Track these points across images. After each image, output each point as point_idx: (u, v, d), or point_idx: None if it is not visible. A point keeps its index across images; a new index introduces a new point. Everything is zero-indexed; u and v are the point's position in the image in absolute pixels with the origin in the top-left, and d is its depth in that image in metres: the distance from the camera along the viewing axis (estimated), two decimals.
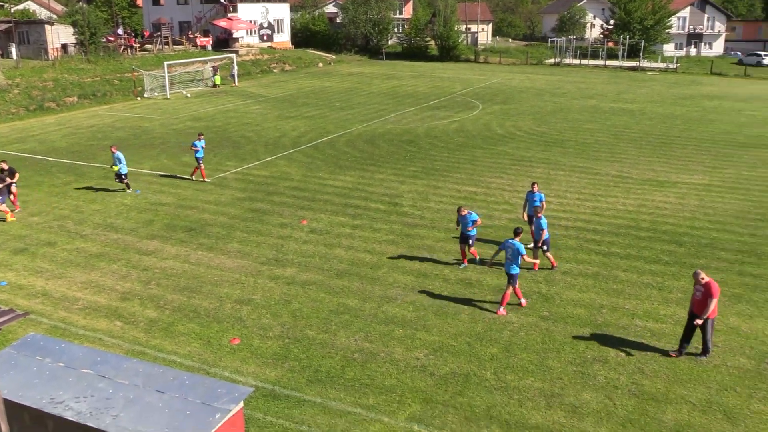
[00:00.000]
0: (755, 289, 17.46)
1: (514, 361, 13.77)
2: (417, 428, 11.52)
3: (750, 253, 20.00)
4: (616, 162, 31.27)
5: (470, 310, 16.12)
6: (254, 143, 34.68)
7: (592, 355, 14.05)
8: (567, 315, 15.91)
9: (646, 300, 16.76)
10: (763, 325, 15.49)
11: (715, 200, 25.32)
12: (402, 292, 17.12)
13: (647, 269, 18.78)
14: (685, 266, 18.96)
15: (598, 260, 19.46)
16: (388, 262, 19.15)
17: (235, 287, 17.33)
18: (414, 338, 14.73)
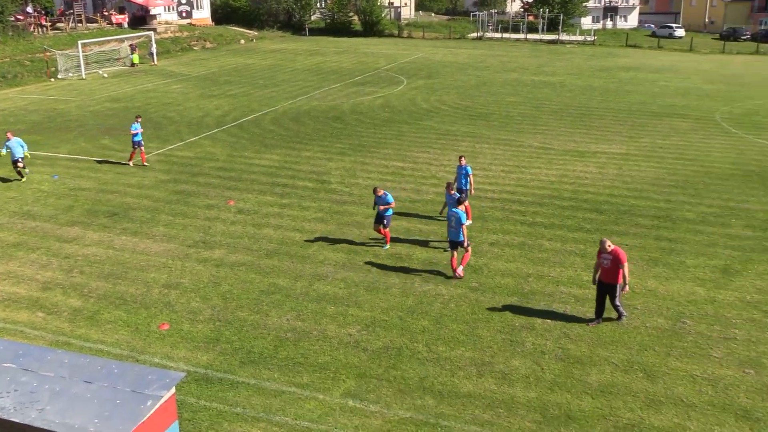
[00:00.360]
0: (671, 253, 18.25)
1: (445, 333, 14.01)
2: (352, 403, 11.61)
3: (665, 219, 20.87)
4: (539, 134, 31.98)
5: (401, 285, 16.28)
6: (177, 123, 33.81)
7: (519, 323, 14.43)
8: (495, 285, 16.27)
9: (570, 267, 17.29)
10: (679, 286, 16.23)
11: (633, 169, 26.25)
12: (333, 270, 17.12)
13: (570, 237, 19.36)
14: (606, 233, 19.62)
15: (524, 230, 19.93)
16: (318, 240, 19.10)
17: (162, 271, 16.97)
18: (346, 315, 14.79)
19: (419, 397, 11.77)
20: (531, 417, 11.24)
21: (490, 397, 11.75)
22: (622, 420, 11.20)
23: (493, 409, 11.46)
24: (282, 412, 11.39)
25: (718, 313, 14.91)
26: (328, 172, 25.61)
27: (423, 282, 16.44)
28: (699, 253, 18.23)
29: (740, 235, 19.58)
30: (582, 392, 11.92)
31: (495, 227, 19.93)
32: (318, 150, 28.78)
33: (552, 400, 11.68)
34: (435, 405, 11.56)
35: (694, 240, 19.21)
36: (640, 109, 38.30)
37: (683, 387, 12.14)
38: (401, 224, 20.30)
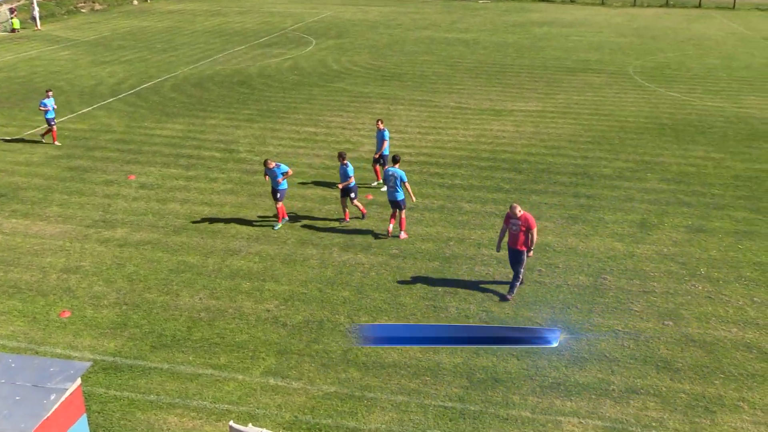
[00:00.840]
0: (589, 210, 18.90)
1: (367, 302, 14.09)
2: (273, 382, 11.56)
3: (583, 175, 21.55)
4: (454, 93, 32.29)
5: (319, 256, 16.24)
6: (67, 94, 32.29)
7: (442, 288, 14.66)
8: (416, 251, 16.44)
9: (491, 229, 17.66)
10: (598, 243, 16.85)
11: (549, 126, 26.91)
12: (246, 244, 16.91)
13: (490, 198, 19.74)
14: (525, 192, 20.11)
15: (443, 193, 20.18)
16: (228, 213, 18.79)
17: (60, 255, 16.31)
18: (263, 290, 14.65)
19: (343, 371, 11.83)
20: (458, 382, 11.49)
21: (415, 366, 11.93)
22: (548, 379, 11.60)
23: (419, 377, 11.65)
24: (199, 396, 11.23)
25: (637, 268, 15.58)
26: (236, 140, 25.12)
27: (342, 251, 16.45)
28: (617, 209, 18.95)
29: (656, 189, 20.46)
30: (507, 354, 12.26)
31: (413, 191, 20.09)
32: (224, 117, 28.15)
33: (478, 364, 11.97)
34: (360, 377, 11.65)
35: (611, 195, 19.94)
36: (554, 65, 39.20)
37: (606, 342, 12.66)
38: (316, 192, 20.19)
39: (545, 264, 15.74)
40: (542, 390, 11.34)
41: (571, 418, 10.74)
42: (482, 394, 11.22)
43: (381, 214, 18.68)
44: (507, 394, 11.24)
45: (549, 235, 17.23)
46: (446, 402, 11.06)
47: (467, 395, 11.20)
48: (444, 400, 11.08)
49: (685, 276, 15.22)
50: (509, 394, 11.22)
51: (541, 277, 15.15)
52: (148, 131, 26.36)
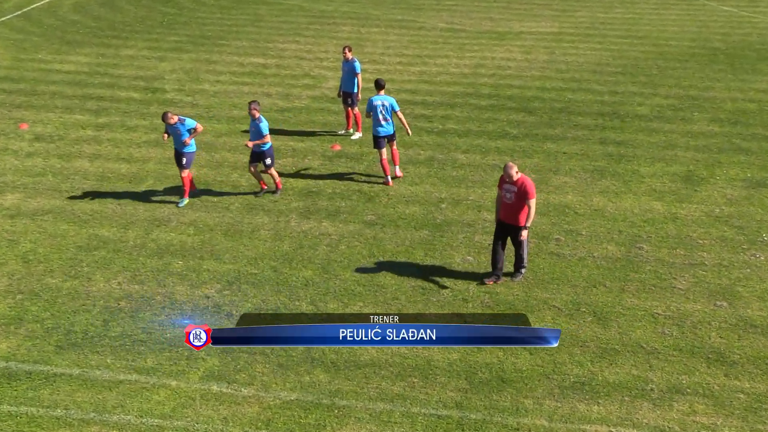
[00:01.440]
0: (620, 160, 19.01)
1: (336, 285, 14.13)
2: (217, 388, 11.60)
3: (612, 116, 21.64)
4: (444, 11, 32.11)
5: (272, 225, 16.23)
6: None
7: (433, 263, 14.73)
8: (398, 216, 16.48)
9: (494, 186, 17.71)
10: (632, 202, 16.99)
11: (568, 53, 26.91)
12: (177, 211, 16.87)
13: (492, 147, 19.77)
14: (537, 139, 20.16)
15: (432, 141, 20.17)
16: (153, 172, 18.69)
17: None
18: (200, 271, 14.66)
19: (307, 372, 11.89)
20: (454, 384, 11.60)
21: (400, 364, 12.01)
22: (569, 378, 11.74)
23: (405, 378, 11.74)
24: (121, 408, 11.25)
25: (682, 234, 15.74)
26: (160, 76, 24.86)
27: (301, 219, 16.45)
28: (655, 159, 19.08)
29: (705, 132, 20.60)
30: (517, 347, 12.37)
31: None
32: (144, 46, 27.81)
33: (480, 360, 12.08)
34: (328, 380, 11.72)
35: (648, 142, 20.06)
36: None
37: (642, 330, 12.82)
38: None
39: (565, 231, 15.85)
40: (562, 392, 11.48)
41: (599, 426, 10.90)
42: (486, 399, 11.34)
43: (352, 168, 18.66)
44: (517, 397, 11.37)
45: (569, 194, 17.34)
46: (440, 410, 11.16)
47: (467, 400, 11.31)
48: (437, 408, 11.19)
49: (742, 244, 15.41)
50: (520, 398, 11.35)
51: (560, 247, 15.27)
52: (44, 65, 26.01)
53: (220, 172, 18.70)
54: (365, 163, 19.00)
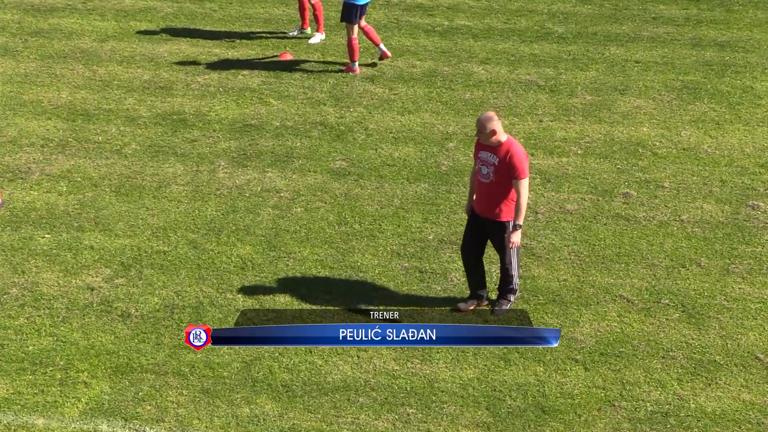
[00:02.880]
0: (724, 71, 19.05)
1: (289, 267, 14.21)
2: (108, 428, 11.58)
3: (712, 2, 21.59)
4: None
5: (188, 177, 16.32)
6: None
7: (435, 232, 14.82)
8: (382, 162, 16.62)
9: (529, 115, 17.75)
10: (742, 137, 17.02)
11: None
12: (41, 156, 16.98)
13: (526, 54, 19.80)
14: (595, 40, 20.13)
15: (433, 46, 20.22)
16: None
17: None
18: (79, 249, 14.71)
19: (245, 402, 11.93)
20: (470, 417, 11.65)
21: (386, 387, 12.06)
22: (644, 406, 11.82)
23: (395, 408, 11.77)
24: None
25: None
26: None
27: (234, 167, 16.55)
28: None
29: None
30: (566, 359, 12.47)
31: (374, 45, 20.02)
32: None
33: (508, 380, 12.14)
34: (279, 413, 11.74)
35: (765, 40, 20.07)
36: None
37: (757, 333, 12.92)
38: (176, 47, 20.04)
39: (637, 182, 15.92)
40: (634, 427, 11.54)
41: None
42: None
43: (311, 87, 18.62)
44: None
45: (644, 125, 17.41)
46: None
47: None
48: None
49: None
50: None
51: (630, 206, 15.38)
52: None
53: (106, 96, 18.69)
54: (331, 78, 18.95)
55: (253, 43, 20.52)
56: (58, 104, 18.50)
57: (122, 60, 19.79)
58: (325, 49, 19.96)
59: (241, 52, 20.14)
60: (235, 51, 20.22)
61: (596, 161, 16.09)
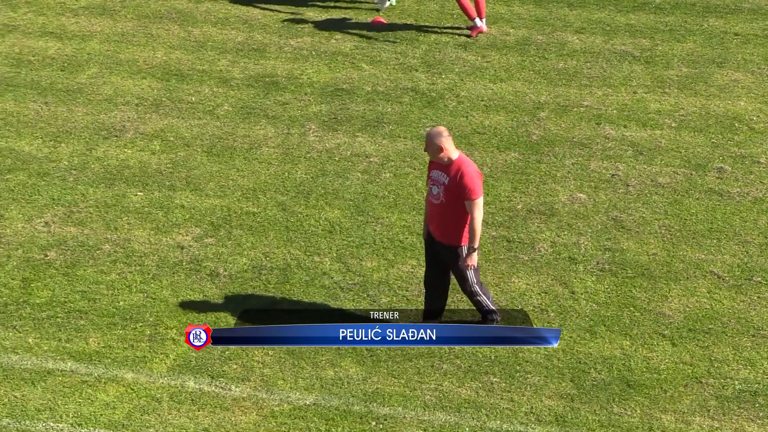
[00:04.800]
0: None
1: (377, 232, 14.26)
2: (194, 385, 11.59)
3: None
4: None
5: (279, 139, 16.36)
6: None
7: (524, 201, 14.77)
8: (472, 130, 16.52)
9: (622, 86, 17.56)
10: None
11: None
12: (135, 113, 17.10)
13: (622, 24, 19.61)
14: (694, 11, 19.87)
15: (527, 13, 20.05)
16: (97, 54, 18.94)
17: None
18: (170, 207, 14.85)
19: (330, 364, 11.94)
20: (554, 388, 11.56)
21: (471, 356, 12.04)
22: (732, 383, 11.66)
23: (479, 377, 11.74)
24: (50, 412, 11.42)
25: None
26: None
27: (325, 131, 16.63)
28: None
29: None
30: (653, 334, 12.37)
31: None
32: None
33: (594, 353, 12.07)
34: (363, 377, 11.77)
35: None
36: None
37: None
38: None
39: (732, 156, 15.75)
40: (721, 405, 11.41)
41: None
42: (602, 411, 11.26)
43: (403, 53, 18.61)
44: (651, 410, 11.32)
45: (741, 98, 17.23)
46: (532, 425, 11.15)
47: (573, 413, 11.29)
48: (527, 422, 11.16)
49: None
50: (655, 412, 11.31)
51: (724, 181, 15.19)
52: None
53: (200, 56, 18.84)
54: (424, 45, 18.90)
55: (346, 8, 20.50)
56: (153, 64, 18.63)
57: (216, 21, 19.88)
58: (418, 15, 19.90)
59: (335, 16, 20.14)
60: (328, 15, 20.22)
61: (690, 135, 15.91)
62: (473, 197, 11.47)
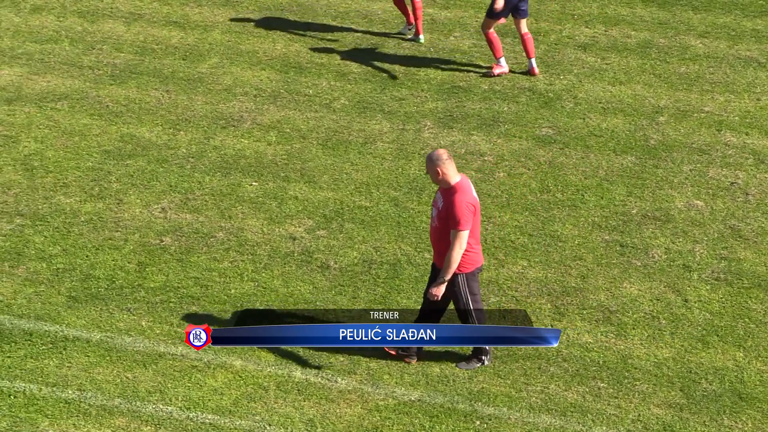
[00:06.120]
0: None
1: (488, 231, 14.15)
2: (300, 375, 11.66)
3: None
4: None
5: (394, 134, 16.37)
6: None
7: (639, 206, 14.62)
8: (589, 132, 16.42)
9: (745, 93, 17.30)
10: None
11: None
12: (252, 105, 17.29)
13: (748, 29, 19.35)
14: None
15: (650, 16, 19.89)
16: (219, 44, 19.03)
17: None
18: (284, 198, 14.94)
19: (434, 361, 11.94)
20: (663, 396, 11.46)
21: (579, 359, 11.96)
22: None
23: (586, 381, 11.67)
24: (160, 395, 11.53)
25: None
26: None
27: (440, 128, 16.58)
28: None
29: None
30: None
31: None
32: None
33: (706, 363, 11.93)
34: (469, 376, 11.74)
35: None
36: None
37: None
38: None
39: None
40: None
41: None
42: (712, 423, 11.13)
43: (520, 52, 18.48)
44: (763, 425, 11.17)
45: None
46: None
47: (681, 422, 11.14)
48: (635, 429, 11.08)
49: None
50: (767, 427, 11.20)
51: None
52: None
53: (319, 50, 19.00)
54: (543, 45, 18.80)
55: (465, 5, 20.45)
56: (273, 56, 18.76)
57: (336, 15, 19.96)
58: (538, 14, 19.77)
59: (453, 14, 20.11)
60: (447, 12, 20.20)
61: None
62: (458, 228, 11.12)
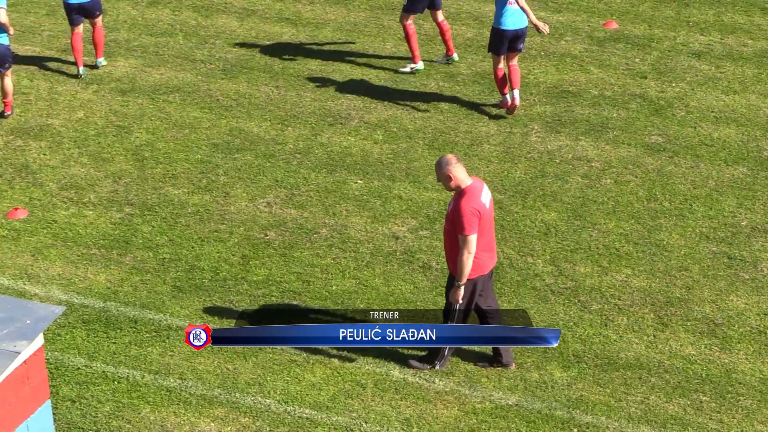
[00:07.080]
0: None
1: (592, 238, 14.09)
2: (399, 375, 11.68)
3: None
4: None
5: (501, 138, 16.34)
6: None
7: (748, 218, 14.42)
8: (700, 141, 16.21)
9: None
10: None
11: None
12: (360, 105, 17.27)
13: None
14: None
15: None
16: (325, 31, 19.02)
17: None
18: (388, 197, 14.95)
19: (535, 366, 11.89)
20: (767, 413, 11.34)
21: (681, 371, 11.85)
22: None
23: (688, 393, 11.54)
24: (258, 387, 11.64)
25: None
26: None
27: (547, 132, 16.52)
28: None
29: None
30: None
31: None
32: None
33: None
34: (568, 382, 11.67)
35: None
36: None
37: None
38: None
39: None
40: None
41: None
42: None
43: (632, 59, 18.35)
44: None
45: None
46: None
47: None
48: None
49: None
50: None
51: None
52: None
53: (429, 50, 18.99)
54: (656, 51, 18.63)
55: (578, 9, 20.33)
56: (382, 55, 18.81)
57: (447, 16, 19.84)
58: (652, 20, 19.61)
59: (566, 17, 20.00)
60: (560, 15, 20.08)
61: None
62: (464, 233, 11.08)
